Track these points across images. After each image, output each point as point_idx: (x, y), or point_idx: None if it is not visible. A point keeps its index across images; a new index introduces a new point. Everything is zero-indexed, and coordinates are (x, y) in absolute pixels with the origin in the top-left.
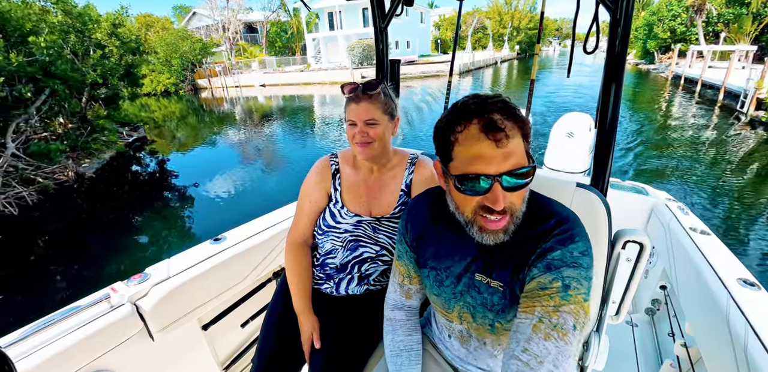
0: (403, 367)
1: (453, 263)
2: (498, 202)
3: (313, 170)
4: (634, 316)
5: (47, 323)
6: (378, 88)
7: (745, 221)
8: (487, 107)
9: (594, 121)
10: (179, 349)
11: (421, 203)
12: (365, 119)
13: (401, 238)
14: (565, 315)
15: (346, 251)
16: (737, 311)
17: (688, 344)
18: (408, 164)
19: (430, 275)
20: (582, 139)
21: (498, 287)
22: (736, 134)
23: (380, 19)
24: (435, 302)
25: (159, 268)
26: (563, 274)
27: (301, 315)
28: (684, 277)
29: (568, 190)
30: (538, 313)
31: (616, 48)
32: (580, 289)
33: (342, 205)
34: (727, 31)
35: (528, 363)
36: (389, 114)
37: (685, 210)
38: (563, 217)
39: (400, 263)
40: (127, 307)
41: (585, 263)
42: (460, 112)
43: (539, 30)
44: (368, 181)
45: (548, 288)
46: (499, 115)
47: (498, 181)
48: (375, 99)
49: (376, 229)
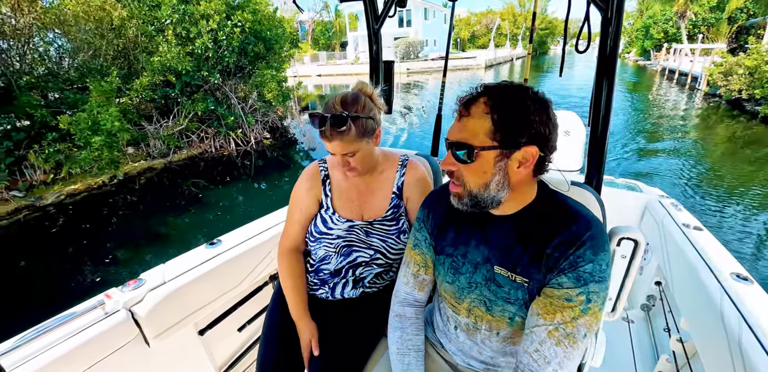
0: (410, 367)
1: (469, 250)
2: (443, 162)
3: (302, 177)
4: (630, 312)
5: (41, 331)
6: (346, 124)
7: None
8: (484, 89)
9: (588, 118)
10: (176, 354)
11: (443, 192)
12: (342, 153)
13: (420, 226)
14: (580, 327)
15: (339, 257)
16: (731, 306)
17: (683, 339)
18: (399, 166)
19: (446, 262)
20: (575, 137)
21: (523, 283)
22: (695, 104)
23: (373, 21)
24: (446, 291)
25: (154, 273)
26: (589, 289)
27: (299, 321)
28: (678, 272)
29: (563, 189)
30: (557, 321)
31: (607, 47)
32: (599, 302)
33: (333, 211)
34: (708, 32)
35: (537, 361)
36: (366, 137)
37: (678, 206)
38: (591, 220)
39: (417, 252)
40: (122, 313)
41: (607, 275)
42: (475, 90)
43: (531, 30)
44: (359, 185)
45: (573, 300)
46: (484, 97)
47: (448, 146)
48: (346, 134)
49: (368, 233)
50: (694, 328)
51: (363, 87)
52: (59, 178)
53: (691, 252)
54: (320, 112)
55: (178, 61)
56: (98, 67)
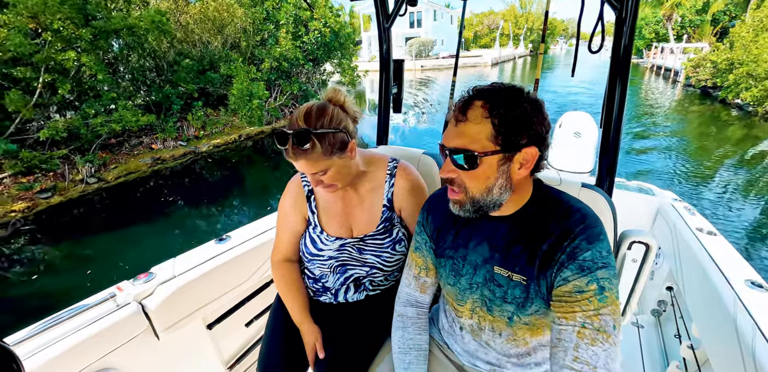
0: (411, 366)
1: (469, 252)
2: (442, 170)
3: (286, 192)
4: (640, 317)
5: (54, 322)
6: (308, 143)
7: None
8: (477, 92)
9: (600, 120)
10: (184, 348)
11: (442, 195)
12: (311, 173)
13: (420, 229)
14: (606, 317)
15: (335, 275)
16: (745, 313)
17: (694, 346)
18: (388, 176)
19: (447, 264)
20: (587, 139)
21: (521, 281)
22: (675, 93)
23: (384, 20)
24: (449, 293)
25: (164, 267)
26: (598, 276)
27: (301, 325)
28: (690, 278)
29: (573, 191)
30: (579, 318)
31: (621, 47)
32: (613, 289)
33: (321, 230)
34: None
35: (581, 371)
36: (337, 151)
37: (691, 210)
38: (586, 213)
39: (418, 255)
40: (132, 305)
41: (612, 262)
42: (467, 93)
43: (544, 29)
44: (345, 198)
45: (585, 291)
46: (480, 101)
47: (445, 153)
48: (311, 152)
49: (361, 250)
50: (706, 335)
51: (334, 95)
52: (205, 134)
53: (704, 257)
54: (283, 128)
55: (293, 52)
56: (223, 54)
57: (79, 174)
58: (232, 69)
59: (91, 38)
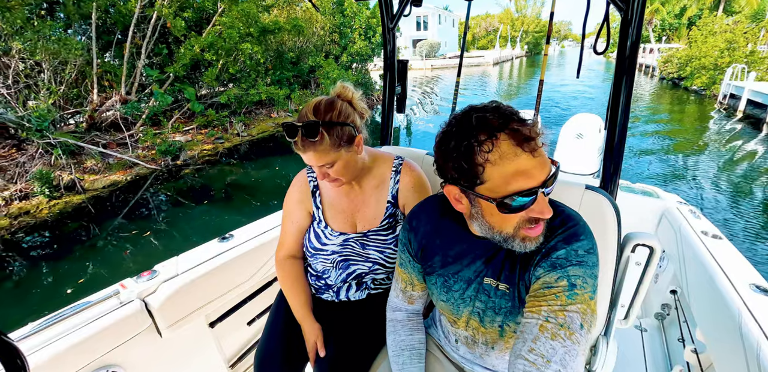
0: (404, 367)
1: (461, 268)
2: (545, 211)
3: (292, 188)
4: (644, 320)
5: (58, 318)
6: (317, 135)
7: None
8: (507, 118)
9: (604, 122)
10: (186, 345)
11: (422, 213)
12: (319, 165)
13: (404, 249)
14: (572, 314)
15: (338, 270)
16: (750, 318)
17: (698, 350)
18: (392, 172)
19: (438, 282)
20: (592, 141)
21: (505, 290)
22: (652, 85)
23: (388, 20)
24: (443, 309)
25: (167, 265)
26: (569, 273)
27: (303, 323)
28: (695, 281)
29: (577, 193)
30: (544, 312)
31: (627, 49)
32: (586, 288)
33: (326, 225)
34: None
35: (534, 362)
36: (345, 145)
37: (696, 213)
38: (566, 216)
39: (403, 271)
40: (136, 303)
41: (590, 261)
42: (481, 129)
43: (549, 30)
44: (350, 194)
45: (554, 287)
46: (517, 124)
47: (542, 191)
48: (319, 144)
49: (364, 245)
50: (711, 339)
51: (342, 91)
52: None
53: (708, 261)
54: (293, 121)
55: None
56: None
57: (235, 129)
58: (318, 61)
59: (257, 34)
